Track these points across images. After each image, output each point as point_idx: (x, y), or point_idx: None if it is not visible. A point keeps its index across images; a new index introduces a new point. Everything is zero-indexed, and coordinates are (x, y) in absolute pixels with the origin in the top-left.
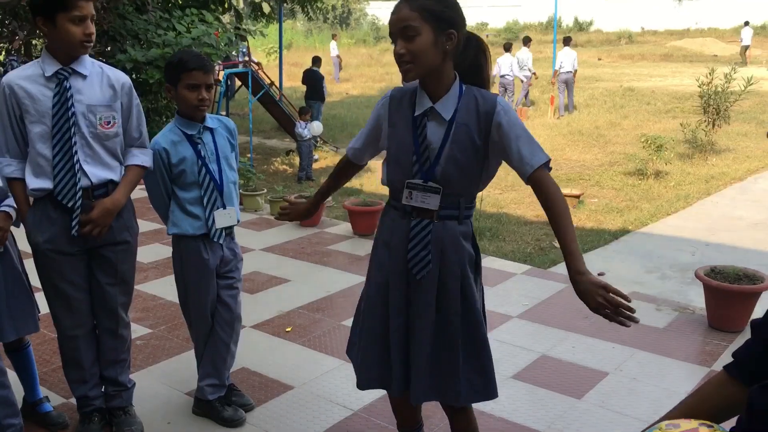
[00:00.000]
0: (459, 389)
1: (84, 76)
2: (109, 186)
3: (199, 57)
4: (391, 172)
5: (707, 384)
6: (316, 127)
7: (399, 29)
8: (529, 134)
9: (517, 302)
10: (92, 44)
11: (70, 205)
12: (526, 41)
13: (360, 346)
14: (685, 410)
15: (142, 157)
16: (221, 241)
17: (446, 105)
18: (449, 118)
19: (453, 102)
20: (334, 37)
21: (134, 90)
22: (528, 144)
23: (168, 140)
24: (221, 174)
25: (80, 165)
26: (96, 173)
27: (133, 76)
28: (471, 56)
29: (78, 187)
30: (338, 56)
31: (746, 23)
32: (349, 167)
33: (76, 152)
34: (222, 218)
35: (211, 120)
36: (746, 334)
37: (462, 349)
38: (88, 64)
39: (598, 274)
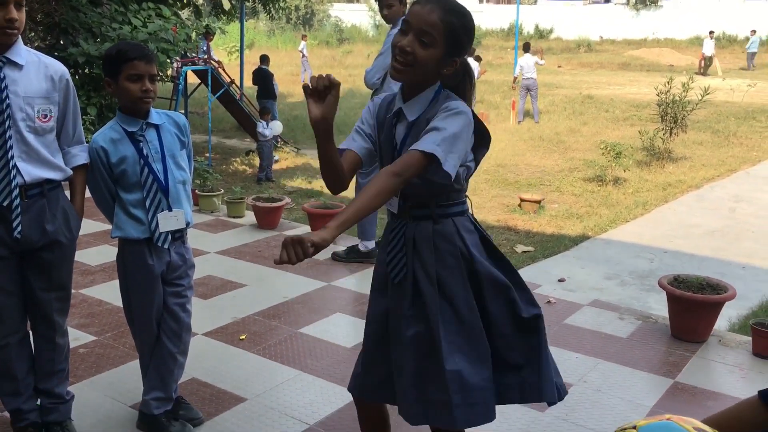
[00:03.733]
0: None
1: (20, 66)
2: (44, 185)
3: (139, 46)
4: None
5: (741, 404)
6: (277, 126)
7: (419, 28)
8: (453, 134)
9: None
10: (16, 31)
11: (5, 204)
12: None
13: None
14: (713, 423)
15: (84, 155)
16: (167, 246)
17: (413, 106)
18: (412, 119)
19: (423, 104)
20: (303, 37)
21: (71, 82)
22: (438, 136)
23: (107, 138)
24: (167, 174)
25: (14, 162)
26: (30, 171)
27: (86, 70)
28: (458, 80)
29: (13, 185)
30: (304, 55)
31: (711, 32)
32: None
33: (11, 147)
34: (167, 221)
35: (156, 116)
36: (710, 345)
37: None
38: (24, 53)
39: (559, 281)
